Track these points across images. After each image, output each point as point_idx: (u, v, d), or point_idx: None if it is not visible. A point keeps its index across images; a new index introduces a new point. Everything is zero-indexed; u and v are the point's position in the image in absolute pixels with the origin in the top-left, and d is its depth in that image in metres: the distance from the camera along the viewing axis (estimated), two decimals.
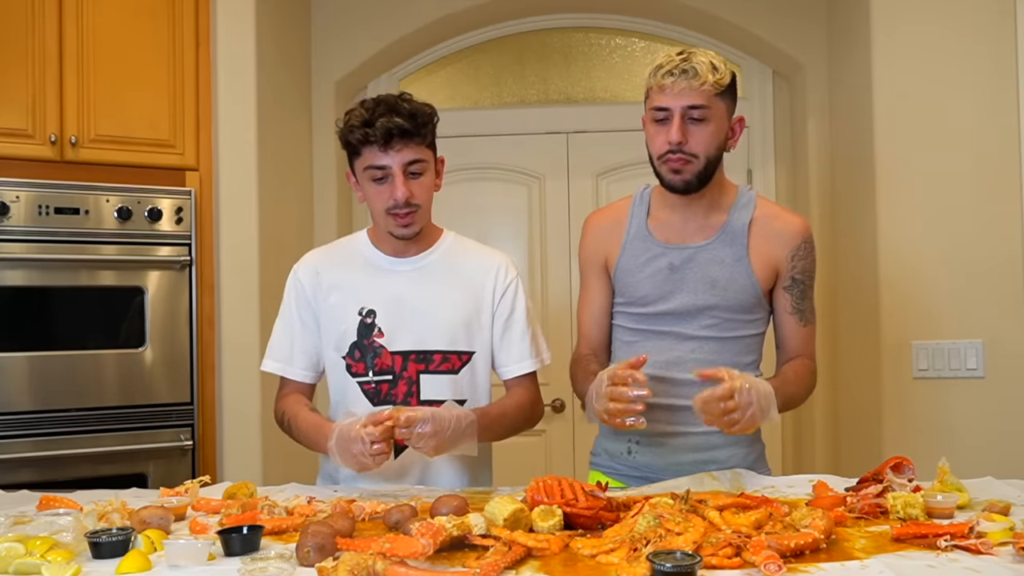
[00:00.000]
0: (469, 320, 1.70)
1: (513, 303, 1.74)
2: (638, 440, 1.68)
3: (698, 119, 1.57)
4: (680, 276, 1.65)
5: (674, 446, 1.66)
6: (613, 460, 1.73)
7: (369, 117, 1.58)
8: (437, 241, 1.75)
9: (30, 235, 2.38)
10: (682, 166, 1.59)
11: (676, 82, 1.55)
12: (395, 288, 1.70)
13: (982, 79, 2.54)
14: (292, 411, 1.69)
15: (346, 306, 1.69)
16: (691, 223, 1.68)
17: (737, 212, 1.68)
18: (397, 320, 1.68)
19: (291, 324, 1.74)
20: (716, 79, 1.56)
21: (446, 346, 1.68)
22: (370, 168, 1.61)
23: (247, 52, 2.66)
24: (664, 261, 1.67)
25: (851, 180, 2.89)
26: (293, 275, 1.77)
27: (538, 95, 3.55)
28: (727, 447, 1.66)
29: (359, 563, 0.98)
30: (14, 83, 2.38)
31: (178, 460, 2.52)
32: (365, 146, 1.60)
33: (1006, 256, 2.52)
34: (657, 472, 1.64)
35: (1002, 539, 1.09)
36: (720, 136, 1.61)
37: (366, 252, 1.74)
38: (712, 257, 1.65)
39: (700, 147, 1.59)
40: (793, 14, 3.22)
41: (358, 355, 1.68)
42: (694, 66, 1.55)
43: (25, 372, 2.37)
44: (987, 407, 2.53)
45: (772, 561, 0.98)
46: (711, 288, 1.64)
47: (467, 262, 1.75)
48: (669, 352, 1.66)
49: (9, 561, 1.07)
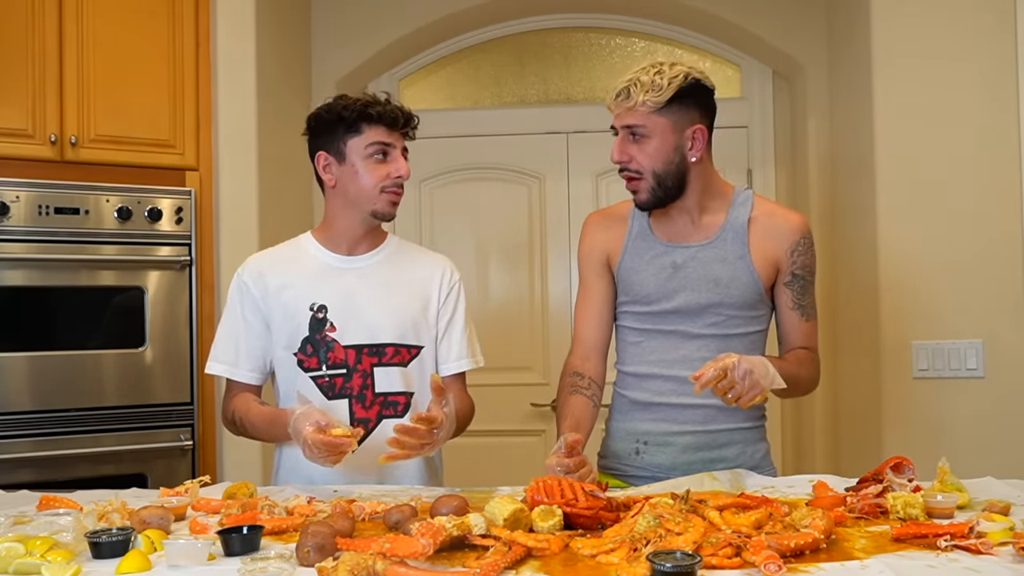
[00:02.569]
0: (416, 316, 1.75)
1: (456, 303, 1.81)
2: (646, 440, 1.69)
3: (639, 136, 1.62)
4: (683, 274, 1.67)
5: (683, 445, 1.67)
6: (621, 462, 1.73)
7: (372, 100, 1.68)
8: (383, 243, 1.81)
9: (30, 235, 2.38)
10: (632, 184, 1.65)
11: (618, 103, 1.62)
12: (345, 284, 1.74)
13: (982, 78, 2.54)
14: (243, 408, 1.70)
15: (297, 303, 1.72)
16: (691, 224, 1.70)
17: (735, 211, 1.69)
18: (348, 315, 1.71)
19: (235, 326, 1.75)
20: (653, 98, 1.58)
21: (397, 339, 1.72)
22: (376, 144, 1.68)
23: (247, 52, 2.66)
24: (667, 259, 1.68)
25: (851, 180, 2.89)
26: (237, 278, 1.78)
27: (538, 95, 3.55)
28: (735, 445, 1.68)
29: (359, 563, 0.98)
30: (14, 83, 2.38)
31: (178, 460, 2.52)
32: (370, 124, 1.67)
33: (1006, 256, 2.52)
34: (666, 471, 1.65)
35: (1002, 539, 1.08)
36: (666, 151, 1.62)
37: (314, 252, 1.78)
38: (714, 255, 1.66)
39: (644, 163, 1.62)
40: (793, 14, 3.22)
41: (310, 350, 1.70)
42: (628, 88, 1.60)
43: (25, 372, 2.37)
44: (987, 407, 2.53)
45: (772, 561, 0.98)
46: (714, 286, 1.65)
47: (413, 262, 1.82)
48: (675, 351, 1.67)
49: (9, 561, 1.07)
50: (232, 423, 1.74)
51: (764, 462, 1.71)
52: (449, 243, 3.35)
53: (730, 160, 3.40)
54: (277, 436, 1.67)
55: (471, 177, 3.47)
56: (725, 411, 1.66)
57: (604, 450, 1.79)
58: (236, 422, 1.73)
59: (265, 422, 1.67)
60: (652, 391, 1.69)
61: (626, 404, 1.74)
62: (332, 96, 1.76)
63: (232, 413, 1.73)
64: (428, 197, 3.47)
